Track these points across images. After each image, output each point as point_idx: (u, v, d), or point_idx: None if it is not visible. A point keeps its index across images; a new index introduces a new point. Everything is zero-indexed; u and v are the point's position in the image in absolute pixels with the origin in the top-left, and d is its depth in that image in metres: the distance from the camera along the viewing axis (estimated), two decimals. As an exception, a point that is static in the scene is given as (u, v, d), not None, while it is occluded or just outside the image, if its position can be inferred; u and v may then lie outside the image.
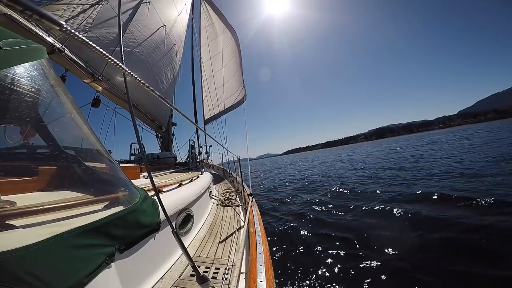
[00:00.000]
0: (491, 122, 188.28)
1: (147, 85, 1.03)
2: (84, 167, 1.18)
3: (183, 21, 7.67)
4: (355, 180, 10.80)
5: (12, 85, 0.83)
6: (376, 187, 8.43)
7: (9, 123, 1.04)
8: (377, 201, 6.54)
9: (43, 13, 0.53)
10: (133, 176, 2.50)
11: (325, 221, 5.55)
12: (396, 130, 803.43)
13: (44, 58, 0.98)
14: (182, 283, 1.68)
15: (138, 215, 1.32)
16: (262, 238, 1.91)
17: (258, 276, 1.31)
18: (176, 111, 1.70)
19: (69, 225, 0.89)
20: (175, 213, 2.20)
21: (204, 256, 2.16)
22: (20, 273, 0.65)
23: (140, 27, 5.29)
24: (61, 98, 1.10)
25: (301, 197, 8.84)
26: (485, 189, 5.87)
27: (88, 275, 0.88)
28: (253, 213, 2.57)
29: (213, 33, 11.89)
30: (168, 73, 6.62)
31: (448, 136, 42.42)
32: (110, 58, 0.78)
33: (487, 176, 7.20)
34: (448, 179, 7.74)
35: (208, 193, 4.03)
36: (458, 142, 24.12)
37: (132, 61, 5.04)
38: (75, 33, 0.62)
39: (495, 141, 18.27)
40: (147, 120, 6.48)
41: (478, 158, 10.84)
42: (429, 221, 4.48)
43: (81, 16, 3.73)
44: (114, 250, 1.10)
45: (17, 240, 0.71)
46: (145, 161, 1.25)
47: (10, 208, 0.80)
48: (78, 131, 1.19)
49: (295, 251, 4.22)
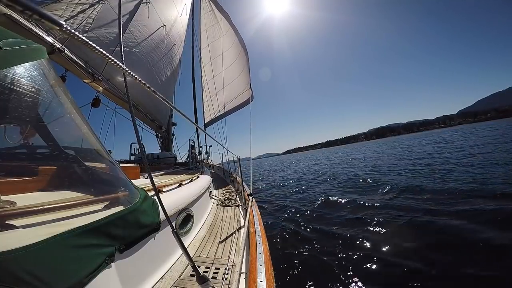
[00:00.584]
0: (496, 121, 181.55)
1: (147, 85, 1.03)
2: (84, 167, 1.18)
3: (183, 21, 7.68)
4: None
5: (12, 85, 0.83)
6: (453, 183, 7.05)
7: (9, 123, 1.04)
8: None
9: (43, 13, 0.53)
10: (133, 176, 2.50)
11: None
12: (397, 129, 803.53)
13: (44, 58, 0.98)
14: (182, 283, 1.68)
15: (138, 215, 1.32)
16: (262, 238, 1.91)
17: (258, 276, 1.31)
18: (176, 111, 1.70)
19: (69, 225, 0.89)
20: (175, 213, 2.20)
21: (204, 256, 2.16)
22: (20, 273, 0.65)
23: (140, 27, 5.29)
24: (61, 98, 1.10)
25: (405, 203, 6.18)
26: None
27: (88, 275, 0.88)
28: (253, 213, 2.58)
29: (217, 33, 11.54)
30: (168, 73, 6.62)
31: (456, 134, 40.36)
32: (110, 58, 0.78)
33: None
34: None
35: (208, 193, 4.03)
36: (479, 138, 23.09)
37: (132, 61, 5.04)
38: (75, 33, 0.62)
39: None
40: (147, 120, 6.48)
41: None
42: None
43: (81, 16, 3.73)
44: (114, 250, 1.10)
45: (17, 240, 0.71)
46: (145, 161, 1.25)
47: (10, 208, 0.80)
48: (78, 131, 1.19)
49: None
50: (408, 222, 4.70)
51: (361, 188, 9.01)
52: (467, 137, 28.25)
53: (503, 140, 17.17)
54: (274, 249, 4.28)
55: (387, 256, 3.57)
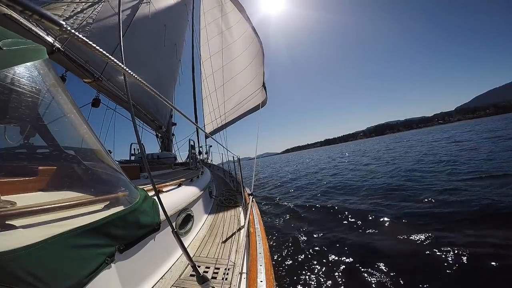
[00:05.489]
0: (502, 116, 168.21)
1: (147, 85, 1.03)
2: (84, 167, 1.18)
3: (184, 21, 7.68)
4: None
5: (12, 85, 0.83)
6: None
7: (9, 123, 1.04)
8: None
9: (43, 13, 0.53)
10: (133, 176, 2.50)
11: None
12: (396, 126, 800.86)
13: (44, 58, 0.98)
14: (182, 283, 1.68)
15: (138, 215, 1.32)
16: (262, 238, 1.91)
17: (258, 276, 1.31)
18: (176, 111, 1.70)
19: (69, 225, 0.89)
20: (175, 213, 2.20)
21: (204, 256, 2.16)
22: (20, 273, 0.65)
23: (140, 27, 5.29)
24: (61, 98, 1.10)
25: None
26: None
27: (88, 275, 0.88)
28: (253, 213, 2.58)
29: (226, 38, 10.51)
30: (168, 73, 6.62)
31: (464, 130, 35.20)
32: (110, 58, 0.78)
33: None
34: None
35: (208, 193, 4.03)
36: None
37: (132, 61, 5.04)
38: (75, 33, 0.62)
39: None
40: (147, 120, 6.48)
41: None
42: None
43: (81, 16, 3.73)
44: (114, 250, 1.10)
45: (17, 240, 0.71)
46: (145, 161, 1.24)
47: (10, 208, 0.80)
48: (78, 131, 1.19)
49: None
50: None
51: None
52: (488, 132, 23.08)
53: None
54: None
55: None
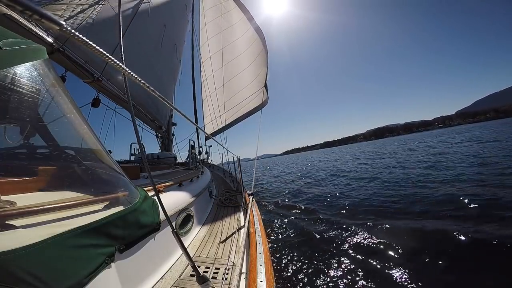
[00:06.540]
0: (505, 120, 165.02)
1: (147, 85, 1.03)
2: (84, 167, 1.18)
3: (184, 21, 7.68)
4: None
5: (12, 85, 0.83)
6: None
7: (9, 123, 1.04)
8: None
9: (43, 13, 0.53)
10: (133, 176, 2.50)
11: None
12: (396, 129, 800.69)
13: (44, 58, 0.98)
14: (182, 283, 1.68)
15: (138, 215, 1.32)
16: (262, 238, 1.91)
17: (258, 276, 1.31)
18: (176, 111, 1.70)
19: (69, 225, 0.89)
20: (175, 213, 2.20)
21: (204, 256, 2.16)
22: (20, 273, 0.65)
23: (140, 27, 5.29)
24: (61, 98, 1.11)
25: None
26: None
27: (88, 275, 0.88)
28: (253, 213, 2.58)
29: (227, 37, 10.40)
30: (168, 73, 6.62)
31: (467, 135, 32.63)
32: (110, 58, 0.78)
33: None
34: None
35: (208, 193, 4.03)
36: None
37: (132, 61, 5.04)
38: (75, 33, 0.62)
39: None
40: (147, 120, 6.47)
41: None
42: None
43: (81, 16, 3.73)
44: (114, 250, 1.10)
45: (17, 240, 0.71)
46: (145, 161, 1.24)
47: (10, 208, 0.80)
48: (78, 131, 1.19)
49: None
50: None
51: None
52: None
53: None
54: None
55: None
